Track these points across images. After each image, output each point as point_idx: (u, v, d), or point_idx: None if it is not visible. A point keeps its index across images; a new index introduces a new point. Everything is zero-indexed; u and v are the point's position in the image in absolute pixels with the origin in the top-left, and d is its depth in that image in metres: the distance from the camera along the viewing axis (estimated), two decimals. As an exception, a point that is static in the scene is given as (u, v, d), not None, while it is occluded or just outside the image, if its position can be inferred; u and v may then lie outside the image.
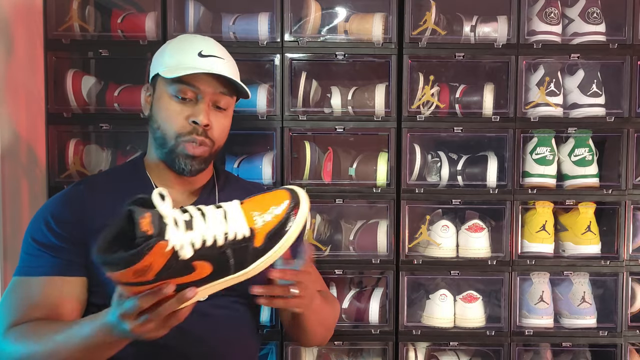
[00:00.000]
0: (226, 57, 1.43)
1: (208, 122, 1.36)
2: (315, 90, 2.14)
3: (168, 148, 1.38)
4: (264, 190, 1.54)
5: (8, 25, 1.86)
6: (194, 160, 1.38)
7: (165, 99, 1.37)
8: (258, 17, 2.08)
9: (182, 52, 1.39)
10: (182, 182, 1.44)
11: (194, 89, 1.36)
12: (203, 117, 1.35)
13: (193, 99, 1.37)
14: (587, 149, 2.09)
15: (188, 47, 1.40)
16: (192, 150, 1.37)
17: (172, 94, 1.36)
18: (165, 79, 1.36)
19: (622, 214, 2.08)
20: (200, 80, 1.36)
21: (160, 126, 1.38)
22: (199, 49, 1.39)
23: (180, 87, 1.35)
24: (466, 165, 2.13)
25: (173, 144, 1.37)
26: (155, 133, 1.40)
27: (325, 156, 2.12)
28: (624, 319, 2.09)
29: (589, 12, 2.06)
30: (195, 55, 1.38)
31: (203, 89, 1.37)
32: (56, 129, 2.06)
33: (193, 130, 1.36)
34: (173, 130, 1.36)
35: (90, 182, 1.46)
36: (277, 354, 2.07)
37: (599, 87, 2.07)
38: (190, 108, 1.37)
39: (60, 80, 2.07)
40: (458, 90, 2.13)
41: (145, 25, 2.06)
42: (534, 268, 2.10)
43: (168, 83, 1.36)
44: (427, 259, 2.11)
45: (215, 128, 1.39)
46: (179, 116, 1.36)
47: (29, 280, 1.32)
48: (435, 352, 2.15)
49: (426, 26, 2.06)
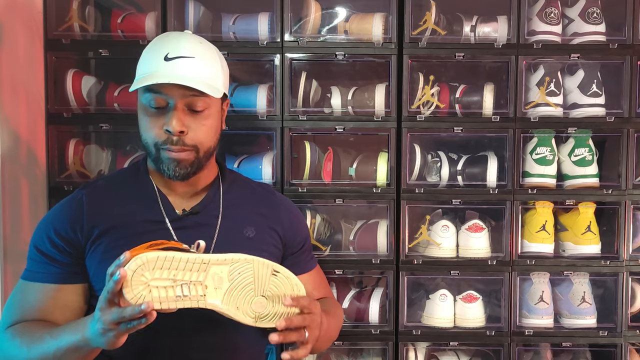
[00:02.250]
0: (197, 54, 1.34)
1: (182, 129, 1.31)
2: (315, 90, 2.14)
3: (153, 157, 1.36)
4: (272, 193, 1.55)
5: (8, 25, 1.86)
6: (179, 166, 1.34)
7: (142, 109, 1.35)
8: (258, 17, 2.08)
9: (150, 57, 1.35)
10: (182, 184, 1.42)
11: (162, 96, 1.31)
12: (175, 124, 1.30)
13: (165, 107, 1.32)
14: (587, 149, 2.09)
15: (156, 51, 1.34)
16: (175, 155, 1.33)
17: (145, 104, 1.33)
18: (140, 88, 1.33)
19: (622, 214, 2.08)
20: (168, 87, 1.30)
21: (142, 136, 1.37)
22: (166, 51, 1.32)
23: (151, 96, 1.31)
24: (466, 165, 2.13)
25: (154, 152, 1.35)
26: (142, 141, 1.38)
27: (325, 156, 2.12)
28: (624, 319, 2.09)
29: (589, 12, 2.06)
30: (161, 59, 1.32)
31: (172, 95, 1.31)
32: (56, 129, 2.06)
33: (167, 140, 1.33)
34: (152, 140, 1.34)
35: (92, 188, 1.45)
36: (277, 354, 2.07)
37: (599, 87, 2.07)
38: (164, 116, 1.32)
39: (60, 80, 2.07)
40: (458, 90, 2.13)
41: (145, 25, 2.06)
42: (534, 268, 2.10)
43: (140, 93, 1.34)
44: (427, 259, 2.11)
45: (195, 132, 1.34)
46: (154, 126, 1.33)
47: (28, 284, 1.36)
48: (435, 352, 2.15)
49: (426, 26, 2.06)
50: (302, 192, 2.06)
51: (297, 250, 1.55)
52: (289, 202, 1.60)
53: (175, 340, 1.35)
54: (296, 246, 1.55)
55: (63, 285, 1.35)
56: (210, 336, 1.37)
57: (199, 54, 1.34)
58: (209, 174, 1.47)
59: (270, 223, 1.49)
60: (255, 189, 1.57)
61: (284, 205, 1.57)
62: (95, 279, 1.35)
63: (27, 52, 1.97)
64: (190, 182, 1.42)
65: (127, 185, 1.43)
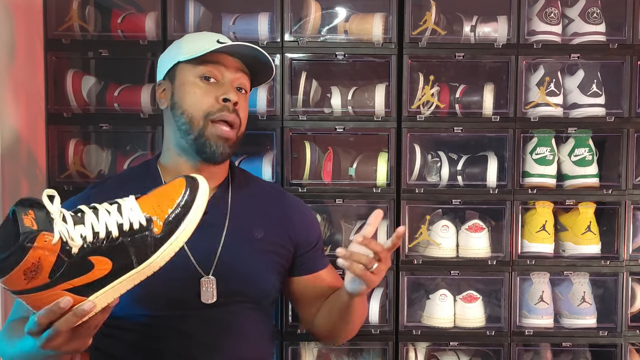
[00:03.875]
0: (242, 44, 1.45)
1: (237, 100, 1.38)
2: (315, 90, 2.14)
3: (196, 132, 1.36)
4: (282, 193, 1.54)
5: (8, 25, 1.86)
6: (226, 143, 1.38)
7: (190, 84, 1.38)
8: (258, 17, 2.08)
9: (201, 39, 1.43)
10: None
11: (220, 67, 1.38)
12: (233, 95, 1.37)
13: (219, 80, 1.39)
14: (587, 149, 2.09)
15: (205, 36, 1.45)
16: (225, 133, 1.37)
17: (198, 76, 1.38)
18: (189, 65, 1.38)
19: (622, 214, 2.08)
20: (225, 60, 1.39)
21: (185, 111, 1.37)
22: (217, 37, 1.42)
23: (207, 67, 1.38)
24: (466, 165, 2.13)
25: (202, 125, 1.36)
26: (179, 121, 1.38)
27: (325, 156, 2.12)
28: (624, 319, 2.09)
29: (589, 12, 2.06)
30: (214, 41, 1.40)
31: (229, 69, 1.40)
32: (56, 129, 2.06)
33: (224, 108, 1.37)
34: (202, 111, 1.36)
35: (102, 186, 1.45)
36: (277, 354, 2.07)
37: (599, 87, 2.07)
38: (218, 87, 1.38)
39: (60, 80, 2.07)
40: (458, 90, 2.13)
41: (145, 25, 2.06)
42: (534, 268, 2.10)
43: (191, 67, 1.38)
44: (427, 259, 2.11)
45: (241, 109, 1.41)
46: (207, 96, 1.37)
47: None
48: (435, 352, 2.15)
49: (426, 26, 2.06)
50: (302, 192, 2.06)
51: (309, 250, 1.55)
52: (300, 203, 1.61)
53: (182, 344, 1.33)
54: (308, 246, 1.54)
55: None
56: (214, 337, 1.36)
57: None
58: (222, 172, 1.46)
59: (280, 224, 1.49)
60: (265, 189, 1.57)
61: (295, 205, 1.57)
62: None
63: (27, 52, 1.97)
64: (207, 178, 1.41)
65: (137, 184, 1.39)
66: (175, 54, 1.43)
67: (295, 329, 2.06)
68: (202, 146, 1.37)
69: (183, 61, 1.40)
